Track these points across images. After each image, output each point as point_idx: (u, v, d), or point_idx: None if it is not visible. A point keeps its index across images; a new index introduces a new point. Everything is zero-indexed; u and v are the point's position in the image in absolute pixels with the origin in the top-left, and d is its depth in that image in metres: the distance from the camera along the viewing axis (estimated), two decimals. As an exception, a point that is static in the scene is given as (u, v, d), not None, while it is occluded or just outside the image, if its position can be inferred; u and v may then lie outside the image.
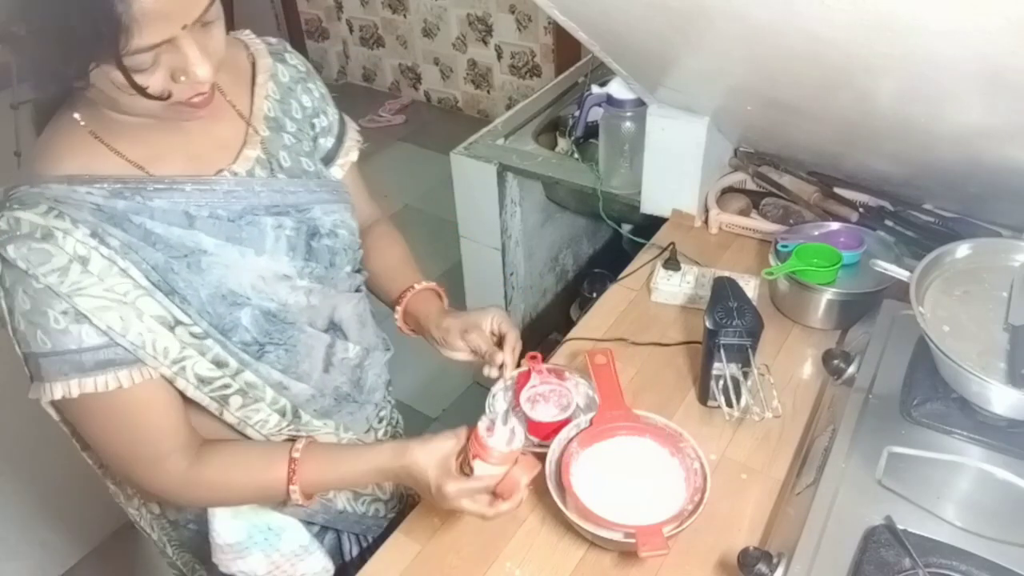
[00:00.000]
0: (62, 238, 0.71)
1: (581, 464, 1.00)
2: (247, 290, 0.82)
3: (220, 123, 0.84)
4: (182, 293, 0.77)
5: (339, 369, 0.96)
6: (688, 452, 1.00)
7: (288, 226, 0.86)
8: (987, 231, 1.29)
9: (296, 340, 0.88)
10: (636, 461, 1.01)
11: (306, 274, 0.88)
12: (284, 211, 0.86)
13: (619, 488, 0.98)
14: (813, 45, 0.95)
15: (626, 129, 1.57)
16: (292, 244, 0.87)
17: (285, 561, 0.98)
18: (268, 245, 0.84)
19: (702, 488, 0.95)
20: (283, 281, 0.86)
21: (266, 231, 0.84)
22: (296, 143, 0.91)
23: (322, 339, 0.92)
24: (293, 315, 0.87)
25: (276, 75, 0.91)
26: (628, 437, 1.03)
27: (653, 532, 0.89)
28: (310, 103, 0.95)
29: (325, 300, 0.92)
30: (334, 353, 0.95)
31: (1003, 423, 0.93)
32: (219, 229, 0.80)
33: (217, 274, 0.80)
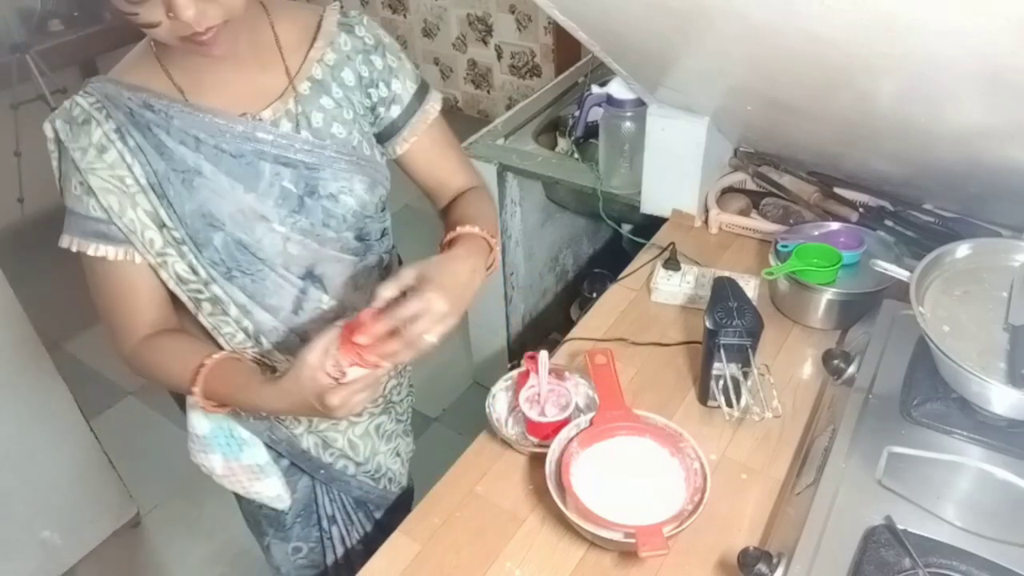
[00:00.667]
0: (94, 125, 0.86)
1: (581, 464, 1.00)
2: (225, 217, 0.91)
3: (266, 72, 0.93)
4: (171, 200, 0.89)
5: (309, 315, 1.02)
6: (688, 452, 1.00)
7: (286, 176, 0.93)
8: (987, 231, 1.29)
9: (264, 276, 0.96)
10: (636, 461, 1.01)
11: (288, 223, 0.95)
12: (290, 163, 0.93)
13: (619, 488, 0.98)
14: (813, 45, 0.95)
15: (626, 129, 1.57)
16: (284, 193, 0.94)
17: (242, 472, 1.07)
18: (261, 187, 0.92)
19: (702, 488, 0.95)
20: (261, 221, 0.93)
21: (262, 174, 0.92)
22: (336, 108, 0.96)
23: (294, 283, 0.99)
24: (265, 253, 0.95)
25: (337, 43, 0.97)
26: (628, 437, 1.03)
27: (653, 532, 0.89)
28: (368, 73, 0.99)
29: (305, 251, 0.97)
30: (306, 299, 1.00)
31: (1003, 423, 0.93)
32: (220, 160, 0.90)
33: (204, 195, 0.90)
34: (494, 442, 1.11)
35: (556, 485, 0.98)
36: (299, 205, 0.95)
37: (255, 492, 1.09)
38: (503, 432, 1.08)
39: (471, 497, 1.04)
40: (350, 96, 0.98)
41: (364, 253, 1.04)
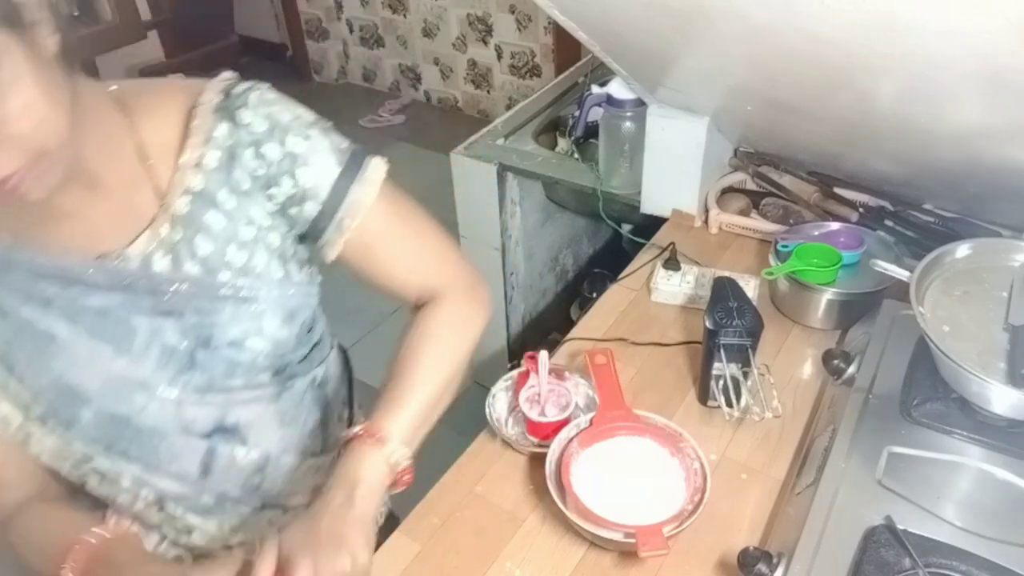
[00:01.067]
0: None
1: (581, 464, 1.00)
2: (91, 390, 0.74)
3: (129, 193, 0.72)
4: (20, 375, 0.72)
5: (224, 475, 0.84)
6: (688, 452, 1.00)
7: (168, 330, 0.75)
8: (987, 231, 1.29)
9: (156, 445, 0.78)
10: (636, 461, 1.01)
11: (179, 384, 0.77)
12: (171, 312, 0.74)
13: (619, 488, 0.98)
14: (813, 45, 0.95)
15: (626, 129, 1.57)
16: (167, 352, 0.75)
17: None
18: (136, 348, 0.74)
19: (702, 488, 0.95)
20: (140, 389, 0.75)
21: (136, 332, 0.74)
22: (229, 225, 0.75)
23: (195, 446, 0.80)
24: (152, 421, 0.77)
25: (216, 137, 0.74)
26: (628, 437, 1.03)
27: (653, 532, 0.89)
28: (264, 170, 0.75)
29: (205, 409, 0.80)
30: (215, 460, 0.82)
31: (1003, 423, 0.93)
32: (79, 318, 0.72)
33: (60, 365, 0.72)
34: (494, 442, 1.11)
35: (556, 485, 0.98)
36: (189, 363, 0.76)
37: None
38: (503, 432, 1.08)
39: (471, 497, 1.04)
40: (246, 206, 0.76)
41: (289, 385, 0.85)
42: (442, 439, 1.20)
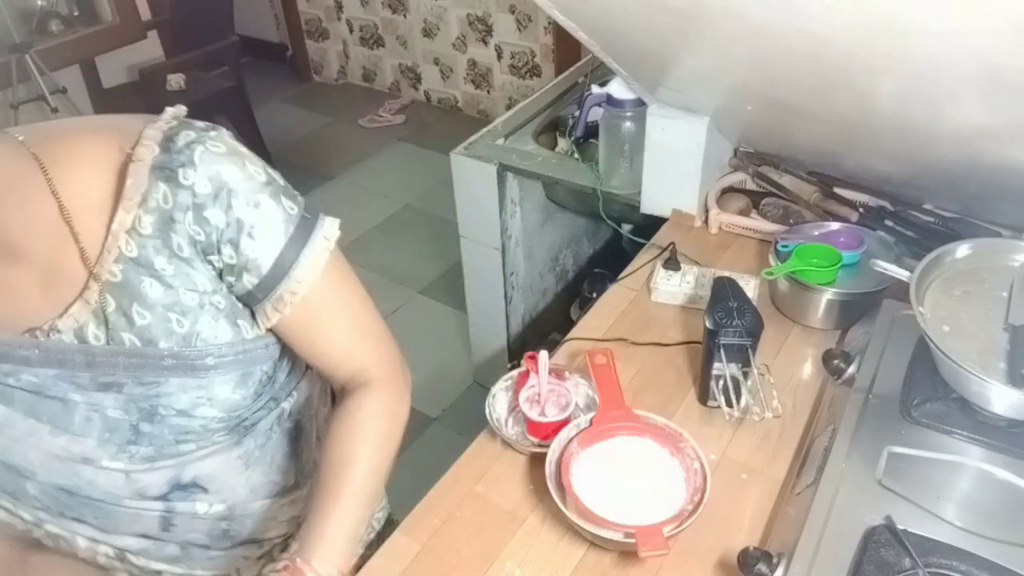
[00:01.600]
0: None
1: (581, 464, 1.00)
2: (34, 466, 0.71)
3: (53, 262, 0.66)
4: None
5: (188, 526, 0.80)
6: (688, 452, 1.00)
7: (109, 404, 0.70)
8: (987, 231, 1.29)
9: (109, 511, 0.75)
10: (636, 461, 1.01)
11: (124, 458, 0.73)
12: (111, 385, 0.70)
13: (619, 488, 0.98)
14: (813, 45, 0.95)
15: (626, 129, 1.57)
16: (109, 426, 0.71)
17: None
18: (76, 424, 0.70)
19: (702, 488, 0.95)
20: (85, 463, 0.72)
21: (75, 408, 0.70)
22: (168, 292, 0.69)
23: (152, 507, 0.77)
24: (102, 491, 0.74)
25: (153, 199, 0.66)
26: (628, 437, 1.03)
27: (653, 532, 0.89)
28: (205, 236, 0.68)
29: (157, 474, 0.75)
30: (175, 516, 0.79)
31: (1003, 423, 0.93)
32: (12, 399, 0.68)
33: (1, 444, 0.69)
34: (494, 442, 1.11)
35: (556, 485, 0.98)
36: (134, 435, 0.72)
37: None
38: (503, 432, 1.08)
39: (471, 497, 1.04)
40: (187, 271, 0.69)
41: (252, 431, 0.81)
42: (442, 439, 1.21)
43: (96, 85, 3.43)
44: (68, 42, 3.13)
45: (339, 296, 0.77)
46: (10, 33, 2.89)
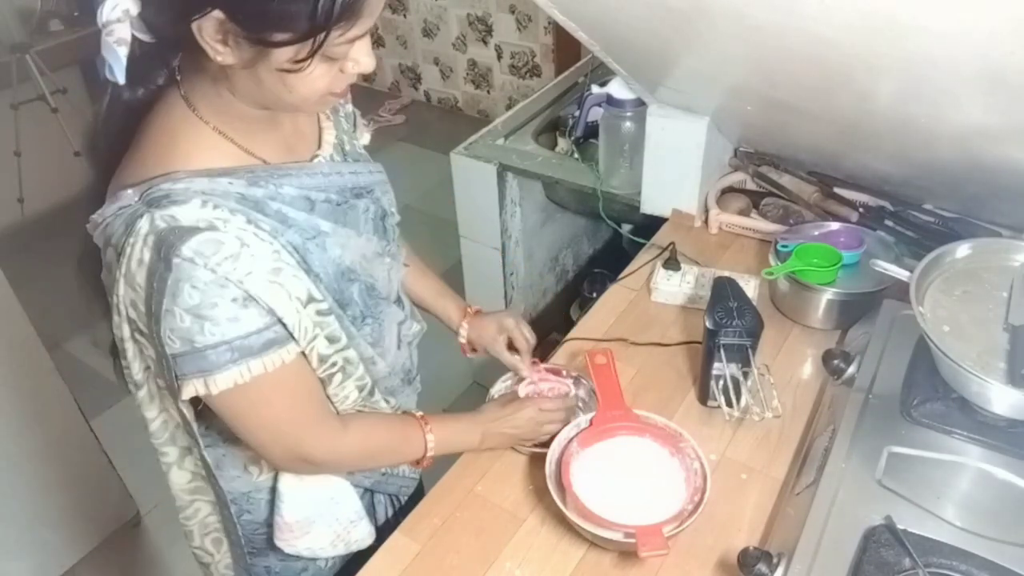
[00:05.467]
0: (222, 227, 0.73)
1: (581, 464, 1.00)
2: (356, 267, 0.88)
3: (300, 113, 0.88)
4: (316, 271, 0.81)
5: (405, 346, 1.02)
6: (688, 452, 1.00)
7: (371, 208, 0.91)
8: (987, 231, 1.29)
9: (384, 314, 0.94)
10: (636, 461, 1.01)
11: (387, 252, 0.94)
12: (363, 193, 0.90)
13: (619, 488, 0.98)
14: (813, 45, 0.95)
15: (626, 129, 1.57)
16: (376, 225, 0.92)
17: (343, 530, 1.01)
18: (362, 225, 0.89)
19: (702, 488, 0.95)
20: (377, 259, 0.92)
21: (359, 213, 0.89)
22: (347, 128, 0.96)
23: (397, 314, 0.99)
24: (382, 290, 0.93)
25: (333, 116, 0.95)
26: (628, 437, 1.03)
27: (653, 532, 0.89)
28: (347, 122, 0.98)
29: (396, 275, 0.98)
30: (403, 330, 1.00)
31: (1003, 423, 0.93)
32: (330, 213, 0.84)
33: (336, 253, 0.84)
34: (494, 442, 1.11)
35: (556, 485, 0.98)
36: (384, 231, 0.94)
37: (355, 542, 1.03)
38: None
39: (471, 497, 1.04)
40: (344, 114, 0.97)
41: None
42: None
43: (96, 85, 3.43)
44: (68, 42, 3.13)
45: None
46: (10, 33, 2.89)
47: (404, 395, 1.03)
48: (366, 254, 0.89)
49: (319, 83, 0.72)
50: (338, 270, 0.84)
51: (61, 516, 1.92)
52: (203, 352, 0.74)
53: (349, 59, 0.72)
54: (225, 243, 0.72)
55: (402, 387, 1.02)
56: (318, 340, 0.83)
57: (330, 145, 0.89)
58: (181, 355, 0.74)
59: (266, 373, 0.77)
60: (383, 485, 1.08)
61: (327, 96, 0.75)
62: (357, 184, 0.89)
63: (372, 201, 0.91)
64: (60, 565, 1.96)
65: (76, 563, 1.99)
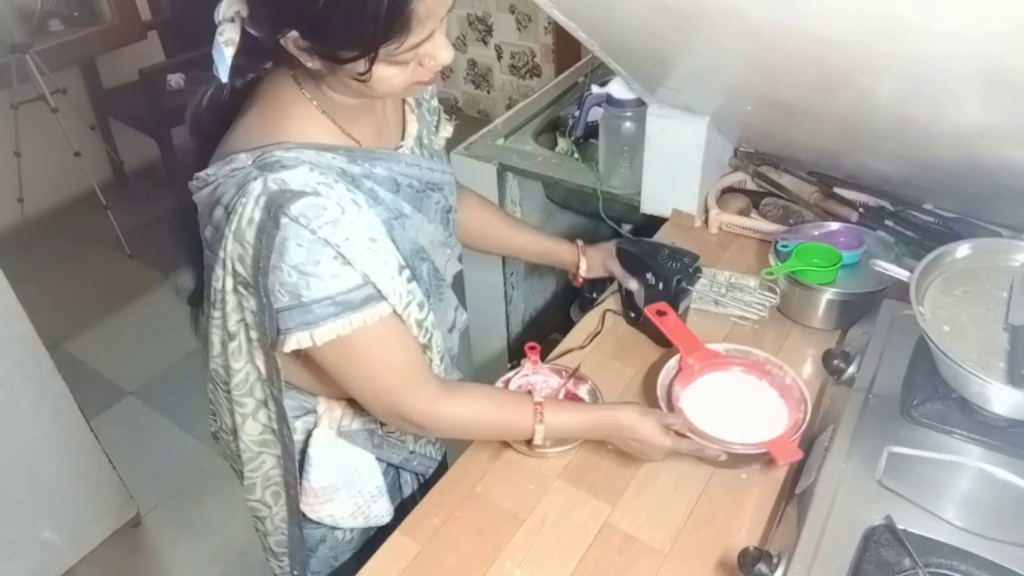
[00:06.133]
0: (325, 193, 0.80)
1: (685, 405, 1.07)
2: (428, 248, 0.95)
3: (389, 103, 0.95)
4: (398, 243, 0.88)
5: (454, 335, 1.10)
6: (775, 372, 1.08)
7: (442, 202, 0.98)
8: (987, 231, 1.28)
9: (442, 297, 1.02)
10: (731, 392, 1.10)
11: (448, 243, 1.02)
12: (436, 188, 0.97)
13: (726, 418, 1.05)
14: (813, 45, 0.95)
15: (626, 129, 1.57)
16: (443, 216, 0.99)
17: (364, 503, 1.06)
18: (431, 213, 0.96)
19: (802, 398, 1.04)
20: (441, 247, 0.99)
21: (430, 201, 0.96)
22: (428, 123, 1.01)
23: (451, 300, 1.06)
24: (444, 274, 1.01)
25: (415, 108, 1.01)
26: (716, 373, 1.12)
27: (783, 443, 0.99)
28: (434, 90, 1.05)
29: (455, 266, 1.06)
30: (456, 317, 1.09)
31: (1003, 423, 0.93)
32: (411, 197, 0.92)
33: (412, 233, 0.92)
34: (494, 442, 1.11)
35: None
36: (448, 223, 1.01)
37: (374, 517, 1.08)
38: None
39: (471, 497, 1.04)
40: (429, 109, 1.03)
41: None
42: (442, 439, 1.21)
43: (96, 85, 3.43)
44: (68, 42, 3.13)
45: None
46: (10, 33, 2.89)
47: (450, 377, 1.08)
48: (433, 240, 0.97)
49: (396, 81, 0.79)
50: (414, 248, 0.92)
51: (61, 516, 1.92)
52: (308, 306, 0.81)
53: (426, 55, 0.78)
54: (328, 208, 0.79)
55: (448, 374, 1.06)
56: (412, 306, 0.89)
57: (412, 137, 0.96)
58: (288, 309, 0.81)
59: (365, 327, 0.84)
60: (409, 463, 1.12)
61: (413, 86, 0.82)
62: (432, 179, 0.96)
63: (443, 196, 0.99)
64: (60, 565, 1.96)
65: (76, 563, 1.99)
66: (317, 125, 0.85)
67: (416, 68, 0.79)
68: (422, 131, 1.00)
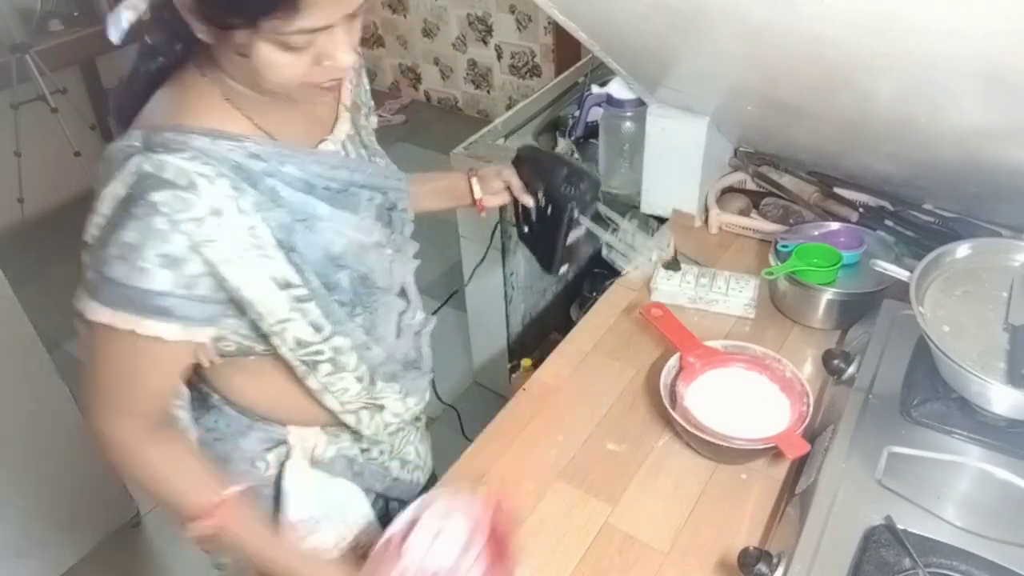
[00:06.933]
0: (206, 186, 0.73)
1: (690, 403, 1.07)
2: (347, 254, 0.87)
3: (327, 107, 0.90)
4: (301, 252, 0.81)
5: (406, 335, 1.02)
6: (775, 367, 1.08)
7: (377, 198, 0.92)
8: (987, 231, 1.28)
9: (379, 303, 0.94)
10: (733, 389, 1.11)
11: (390, 242, 0.95)
12: (371, 187, 0.91)
13: (729, 415, 1.05)
14: (813, 45, 0.95)
15: (626, 129, 1.57)
16: (379, 213, 0.93)
17: (349, 532, 1.03)
18: (361, 213, 0.89)
19: (804, 391, 1.05)
20: (374, 248, 0.91)
21: (360, 200, 0.89)
22: (367, 122, 0.97)
23: (397, 304, 0.99)
24: (379, 280, 0.93)
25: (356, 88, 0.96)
26: (716, 370, 1.12)
27: (789, 436, 0.99)
28: (368, 83, 1.01)
29: (399, 267, 0.98)
30: (403, 319, 1.01)
31: (1003, 423, 0.93)
32: (331, 197, 0.85)
33: (327, 238, 0.84)
34: (494, 442, 1.11)
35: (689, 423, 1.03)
36: (390, 221, 0.95)
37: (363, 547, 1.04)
38: None
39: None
40: (366, 107, 0.99)
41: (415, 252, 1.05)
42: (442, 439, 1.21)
43: (96, 85, 3.43)
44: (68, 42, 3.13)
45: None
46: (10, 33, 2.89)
47: (409, 379, 1.02)
48: (363, 242, 0.89)
49: (287, 71, 0.72)
50: (326, 255, 0.85)
51: (61, 516, 1.92)
52: (108, 283, 0.75)
53: (323, 53, 0.72)
54: (195, 205, 0.73)
55: (405, 371, 1.02)
56: (293, 324, 0.83)
57: (342, 135, 0.90)
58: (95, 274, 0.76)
59: (126, 333, 0.76)
60: (392, 490, 1.09)
61: (309, 87, 0.76)
62: (362, 182, 0.89)
63: (380, 192, 0.92)
64: (60, 565, 1.96)
65: (76, 563, 1.99)
66: (224, 115, 0.79)
67: (312, 66, 0.73)
68: (359, 133, 0.94)
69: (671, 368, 1.12)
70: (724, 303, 1.31)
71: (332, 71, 0.75)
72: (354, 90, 0.96)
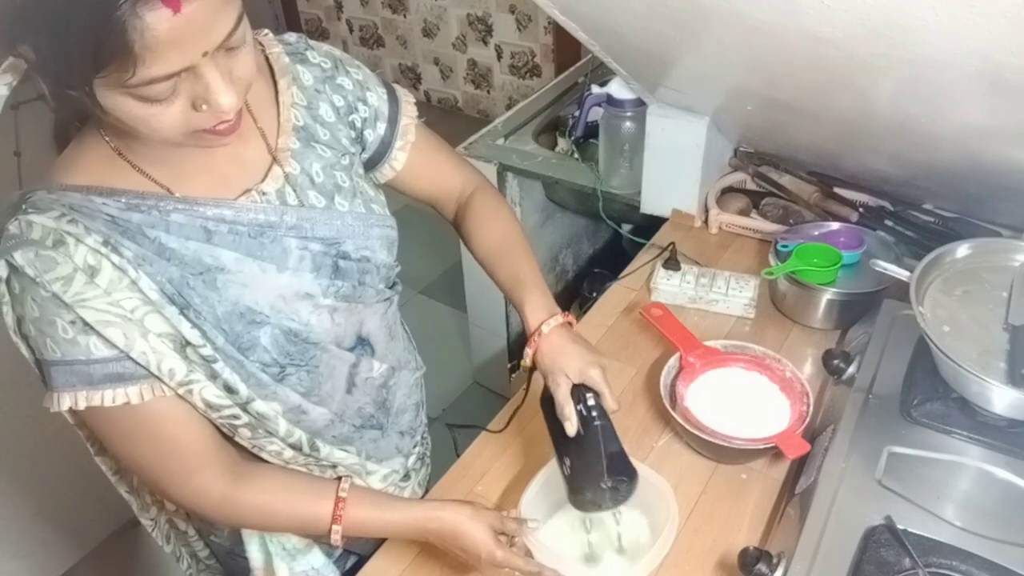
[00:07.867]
0: (73, 245, 0.69)
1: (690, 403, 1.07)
2: (266, 309, 0.79)
3: (247, 141, 0.80)
4: (197, 309, 0.74)
5: (363, 389, 0.92)
6: (774, 367, 1.08)
7: (314, 248, 0.82)
8: (987, 231, 1.28)
9: (318, 360, 0.84)
10: (734, 389, 1.11)
11: (331, 293, 0.84)
12: (310, 236, 0.82)
13: (730, 414, 1.06)
14: (813, 45, 0.95)
15: (626, 129, 1.57)
16: (317, 264, 0.82)
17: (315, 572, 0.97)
18: (291, 263, 0.81)
19: (804, 391, 1.06)
20: (305, 300, 0.82)
21: (290, 250, 0.81)
22: (331, 153, 0.85)
23: (346, 358, 0.88)
24: (317, 335, 0.83)
25: (299, 79, 0.85)
26: (716, 370, 1.12)
27: (789, 436, 0.99)
28: (343, 100, 0.88)
29: (351, 317, 0.88)
30: (358, 372, 0.90)
31: (1003, 423, 0.93)
32: (239, 244, 0.77)
33: (234, 291, 0.77)
34: (494, 442, 1.11)
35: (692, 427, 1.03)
36: (334, 271, 0.84)
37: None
38: None
39: (471, 497, 1.04)
40: (337, 135, 0.87)
41: (390, 300, 0.96)
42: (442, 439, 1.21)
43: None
44: (68, 42, 3.12)
45: (429, 130, 1.00)
46: (10, 33, 2.89)
47: (367, 441, 0.95)
48: (286, 295, 0.80)
49: (160, 122, 0.65)
50: (233, 311, 0.76)
51: (61, 516, 1.92)
52: (49, 366, 0.73)
53: (197, 97, 0.65)
54: (60, 264, 0.68)
55: (361, 432, 0.94)
56: (198, 386, 0.76)
57: (278, 179, 0.81)
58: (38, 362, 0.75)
59: (111, 408, 0.73)
60: (361, 548, 1.03)
61: (200, 134, 0.69)
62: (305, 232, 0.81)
63: (317, 240, 0.82)
64: (60, 565, 1.96)
65: (76, 563, 1.98)
66: (109, 168, 0.73)
67: (190, 112, 0.66)
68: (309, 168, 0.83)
69: (671, 368, 1.12)
70: (724, 303, 1.31)
71: (215, 116, 0.67)
72: (304, 112, 0.84)
